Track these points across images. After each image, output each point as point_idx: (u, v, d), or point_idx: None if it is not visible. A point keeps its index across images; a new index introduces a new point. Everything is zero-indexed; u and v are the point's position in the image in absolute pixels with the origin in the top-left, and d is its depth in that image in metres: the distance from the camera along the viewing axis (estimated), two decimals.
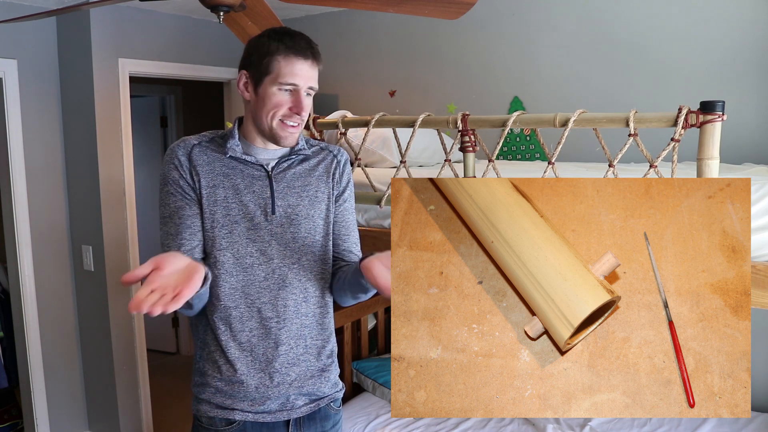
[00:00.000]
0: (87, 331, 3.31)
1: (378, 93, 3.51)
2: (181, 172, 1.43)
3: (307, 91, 1.42)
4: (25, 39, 3.00)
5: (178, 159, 1.44)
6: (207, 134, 1.51)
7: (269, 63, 1.39)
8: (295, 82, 1.39)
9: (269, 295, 1.44)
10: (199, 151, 1.45)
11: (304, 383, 1.49)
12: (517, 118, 1.86)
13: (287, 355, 1.46)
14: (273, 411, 1.47)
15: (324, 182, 1.53)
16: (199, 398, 1.49)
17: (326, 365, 1.54)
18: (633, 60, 2.75)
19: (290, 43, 1.39)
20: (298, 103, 1.40)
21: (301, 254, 1.48)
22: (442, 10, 2.07)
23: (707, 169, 1.59)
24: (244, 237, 1.43)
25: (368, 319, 3.22)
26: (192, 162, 1.44)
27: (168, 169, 1.45)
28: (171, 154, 1.46)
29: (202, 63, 3.51)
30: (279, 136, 1.43)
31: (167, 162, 1.46)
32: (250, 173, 1.45)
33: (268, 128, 1.43)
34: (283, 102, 1.40)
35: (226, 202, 1.42)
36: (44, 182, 3.14)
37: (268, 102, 1.40)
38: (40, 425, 3.17)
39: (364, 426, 2.52)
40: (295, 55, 1.38)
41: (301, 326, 1.48)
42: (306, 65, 1.40)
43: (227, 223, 1.42)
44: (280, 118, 1.41)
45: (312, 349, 1.51)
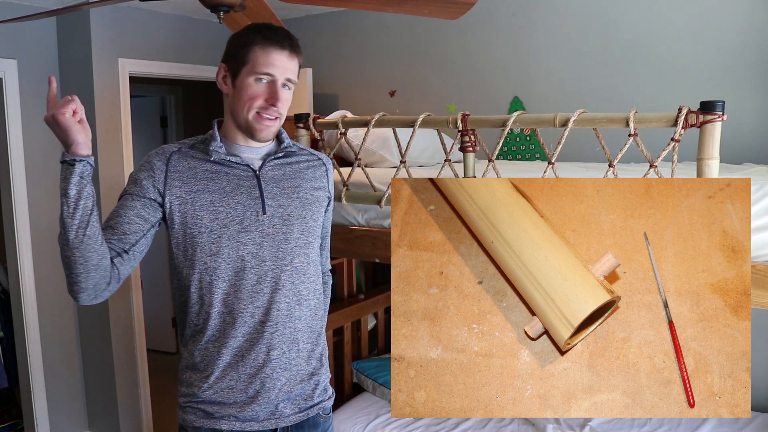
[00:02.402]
0: (87, 331, 3.31)
1: (378, 93, 3.51)
2: (151, 174, 1.39)
3: (285, 83, 1.39)
4: (25, 39, 3.00)
5: (152, 164, 1.40)
6: (188, 141, 1.47)
7: (246, 53, 1.37)
8: (270, 71, 1.37)
9: (263, 298, 1.41)
10: (179, 158, 1.41)
11: (293, 388, 1.47)
12: (517, 118, 1.86)
13: (279, 360, 1.43)
14: (260, 419, 1.43)
15: (315, 187, 1.52)
16: (185, 407, 1.45)
17: (316, 368, 1.52)
18: (633, 60, 2.75)
19: (267, 34, 1.38)
20: (274, 93, 1.38)
21: (294, 256, 1.45)
22: (442, 10, 2.07)
23: (707, 169, 1.58)
24: (235, 240, 1.39)
25: (368, 319, 3.22)
26: (169, 169, 1.40)
27: (137, 171, 1.41)
28: (147, 159, 1.42)
29: (202, 63, 3.51)
30: (255, 129, 1.41)
31: (140, 166, 1.42)
32: (237, 174, 1.43)
33: (244, 121, 1.40)
34: (259, 93, 1.38)
35: (213, 206, 1.39)
36: (44, 182, 3.14)
37: (244, 93, 1.38)
38: (40, 425, 3.17)
39: (364, 426, 2.52)
40: (271, 44, 1.37)
41: (294, 330, 1.45)
42: (283, 56, 1.38)
43: (216, 228, 1.38)
44: (257, 111, 1.39)
45: (303, 353, 1.48)
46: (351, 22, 3.55)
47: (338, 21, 3.59)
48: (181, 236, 1.40)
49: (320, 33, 3.59)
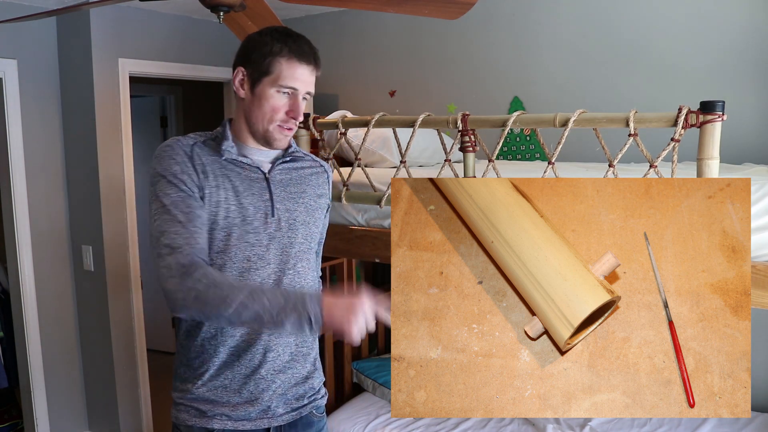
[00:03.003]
0: (87, 331, 3.31)
1: (378, 93, 3.51)
2: (184, 167, 1.34)
3: (304, 96, 1.40)
4: (25, 39, 3.00)
5: (178, 154, 1.35)
6: (197, 136, 1.44)
7: (270, 64, 1.36)
8: (295, 86, 1.37)
9: None
10: (199, 152, 1.39)
11: (287, 390, 1.46)
12: (517, 118, 1.86)
13: (274, 362, 1.43)
14: (253, 419, 1.43)
15: (318, 194, 1.53)
16: (179, 404, 1.45)
17: (310, 372, 1.52)
18: (633, 60, 2.75)
19: (294, 46, 1.37)
20: (296, 107, 1.38)
21: (297, 260, 1.46)
22: (442, 10, 2.07)
23: (707, 169, 1.58)
24: (243, 240, 1.38)
25: None
26: (194, 160, 1.37)
27: (167, 165, 1.34)
28: (168, 150, 1.36)
29: (202, 63, 3.51)
30: (273, 139, 1.41)
31: (165, 157, 1.35)
32: (248, 176, 1.42)
33: (262, 131, 1.40)
34: (281, 106, 1.38)
35: (227, 203, 1.38)
36: (44, 182, 3.14)
37: (265, 104, 1.37)
38: (40, 425, 3.17)
39: (364, 426, 2.52)
40: (298, 59, 1.36)
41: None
42: (307, 71, 1.38)
43: (227, 225, 1.37)
44: (278, 123, 1.39)
45: (298, 357, 1.48)
46: (351, 22, 3.55)
47: (338, 21, 3.59)
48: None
49: (320, 33, 3.59)
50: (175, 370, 1.48)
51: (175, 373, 1.48)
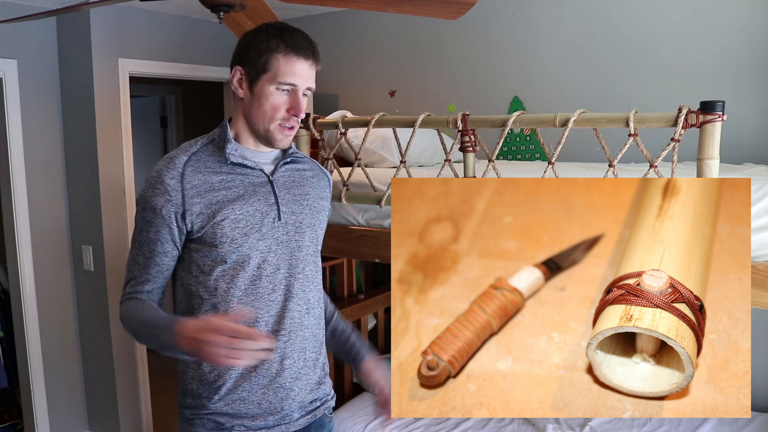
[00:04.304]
0: (87, 331, 3.31)
1: (378, 93, 3.51)
2: (168, 197, 1.31)
3: (305, 92, 1.36)
4: (25, 39, 3.00)
5: (166, 185, 1.31)
6: (195, 143, 1.40)
7: (267, 60, 1.32)
8: (294, 82, 1.33)
9: (277, 307, 1.38)
10: (192, 172, 1.34)
11: (304, 397, 1.44)
12: (517, 118, 1.86)
13: (291, 369, 1.40)
14: (271, 426, 1.40)
15: (321, 197, 1.51)
16: (192, 419, 1.40)
17: (321, 378, 1.50)
18: (633, 60, 2.75)
19: (290, 41, 1.33)
20: (296, 104, 1.34)
21: (305, 264, 1.43)
22: (442, 10, 2.07)
23: (707, 169, 1.58)
24: (254, 249, 1.35)
25: (368, 319, 3.22)
26: (185, 186, 1.32)
27: (151, 194, 1.32)
28: (157, 179, 1.32)
29: (202, 63, 3.51)
30: (275, 139, 1.37)
31: (152, 186, 1.33)
32: (252, 180, 1.38)
33: (264, 130, 1.36)
34: (281, 103, 1.34)
35: (233, 214, 1.33)
36: (44, 182, 3.14)
37: (265, 102, 1.34)
38: (40, 425, 3.17)
39: (364, 426, 2.52)
40: (296, 54, 1.32)
41: (303, 339, 1.42)
42: (306, 65, 1.34)
43: (237, 237, 1.33)
44: (279, 122, 1.35)
45: (310, 362, 1.45)
46: (351, 22, 3.55)
47: (338, 21, 3.59)
48: (200, 247, 1.35)
49: (320, 33, 3.59)
50: (183, 386, 1.42)
51: (185, 390, 1.42)
